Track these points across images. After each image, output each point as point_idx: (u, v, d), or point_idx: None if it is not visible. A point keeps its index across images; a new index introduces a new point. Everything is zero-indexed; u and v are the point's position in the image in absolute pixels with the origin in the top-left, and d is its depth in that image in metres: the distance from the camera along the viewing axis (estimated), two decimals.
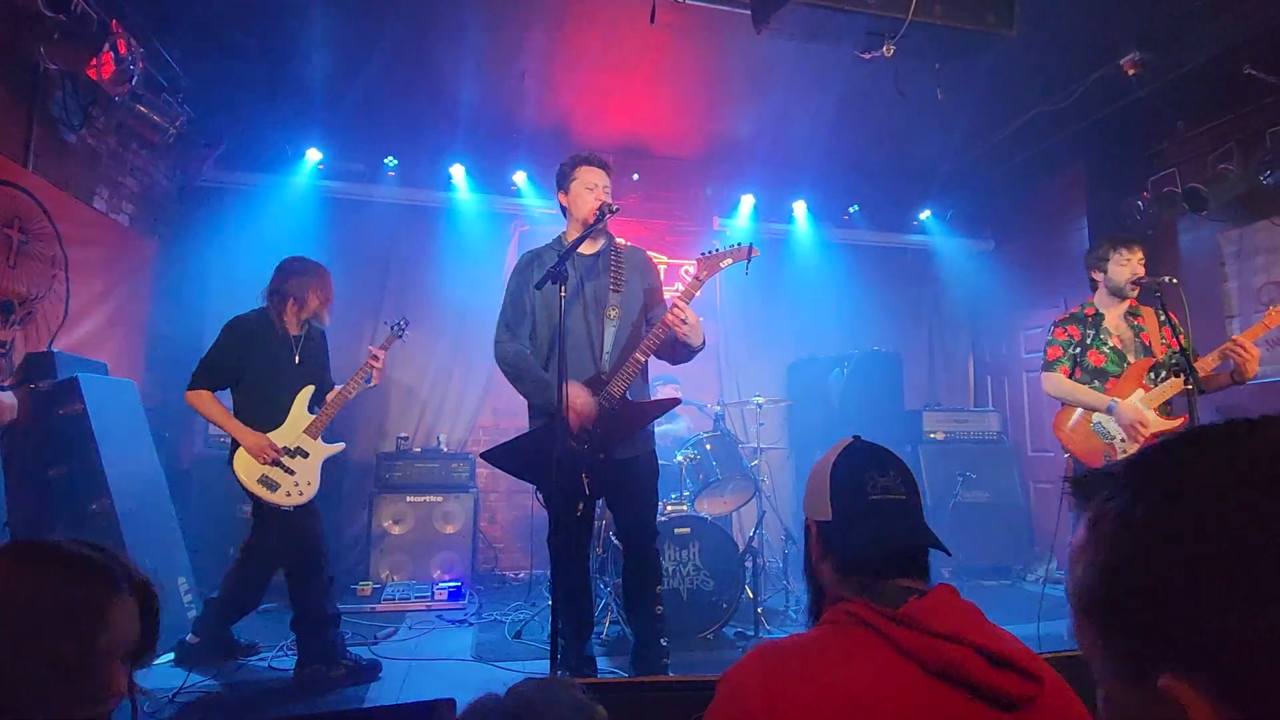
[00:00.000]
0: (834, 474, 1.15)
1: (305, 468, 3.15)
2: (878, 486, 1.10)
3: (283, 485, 3.08)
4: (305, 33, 4.13)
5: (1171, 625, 0.43)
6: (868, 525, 1.07)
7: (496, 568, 5.49)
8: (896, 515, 1.09)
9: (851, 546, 1.08)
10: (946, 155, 5.77)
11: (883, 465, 1.13)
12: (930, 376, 6.60)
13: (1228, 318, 4.71)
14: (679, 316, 2.57)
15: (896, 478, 1.12)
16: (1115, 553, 0.47)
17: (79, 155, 3.92)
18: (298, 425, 3.19)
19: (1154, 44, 4.02)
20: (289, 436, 3.15)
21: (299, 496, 3.10)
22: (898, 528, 1.08)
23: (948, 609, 0.96)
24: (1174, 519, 0.45)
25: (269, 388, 3.16)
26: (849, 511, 1.10)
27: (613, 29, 4.10)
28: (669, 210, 6.18)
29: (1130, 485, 0.48)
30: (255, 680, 3.19)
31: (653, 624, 2.75)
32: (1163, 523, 0.45)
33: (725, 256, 2.74)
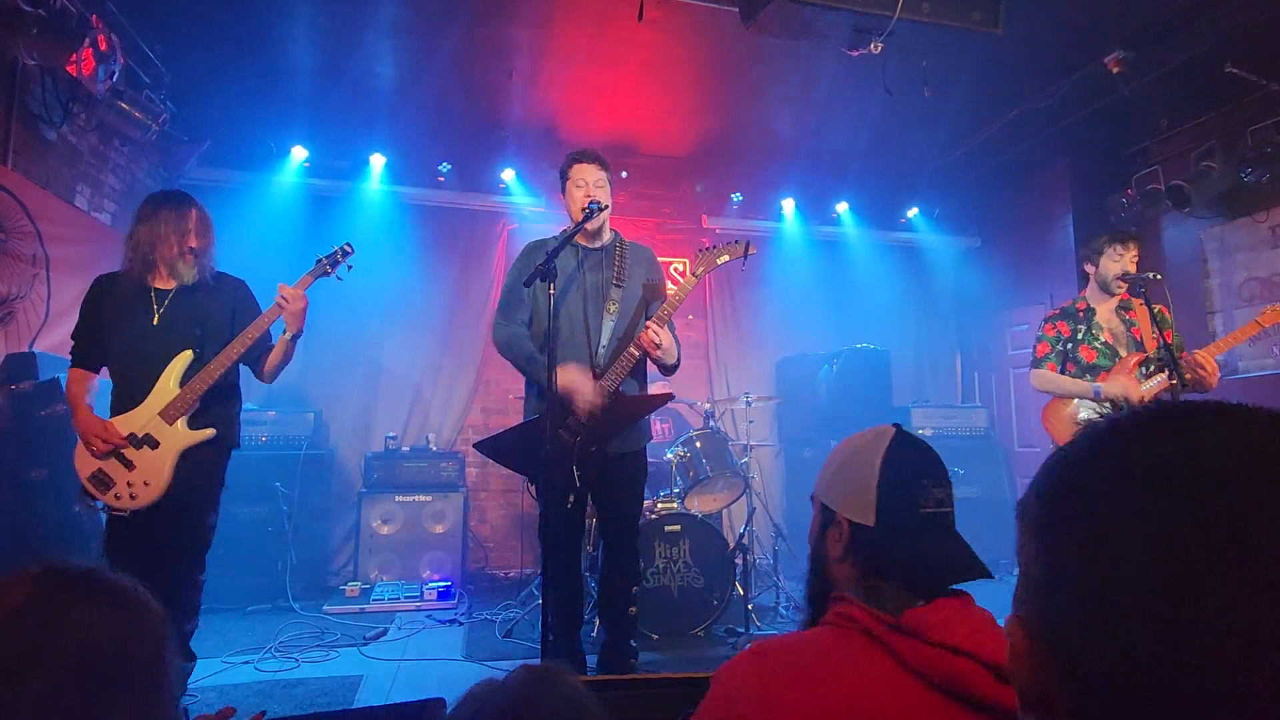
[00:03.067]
0: (883, 476, 1.02)
1: (150, 462, 2.46)
2: (932, 499, 0.99)
3: (116, 484, 2.45)
4: (290, 30, 4.09)
5: (1028, 566, 0.48)
6: (919, 541, 0.98)
7: (486, 567, 5.48)
8: (945, 532, 1.00)
9: (898, 562, 0.98)
10: (933, 153, 5.80)
11: (936, 472, 1.03)
12: (918, 373, 6.64)
13: (1209, 313, 4.77)
14: (651, 340, 2.57)
15: (948, 489, 1.02)
16: (1037, 476, 0.50)
17: (59, 152, 3.87)
18: (156, 404, 2.51)
19: (1137, 42, 4.06)
20: (140, 419, 2.49)
21: (130, 499, 2.44)
22: (948, 549, 0.99)
23: (954, 618, 0.91)
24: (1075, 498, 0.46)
25: (126, 357, 2.55)
26: (897, 523, 0.99)
27: (600, 26, 4.09)
28: (658, 208, 6.18)
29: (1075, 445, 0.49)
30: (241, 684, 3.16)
31: (624, 625, 2.76)
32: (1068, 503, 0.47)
33: (722, 253, 2.76)
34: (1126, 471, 0.43)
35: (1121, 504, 0.42)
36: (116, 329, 2.55)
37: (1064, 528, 0.45)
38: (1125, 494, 0.43)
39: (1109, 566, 0.41)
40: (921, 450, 1.07)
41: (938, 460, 1.06)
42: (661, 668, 3.39)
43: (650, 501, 3.98)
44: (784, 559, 4.43)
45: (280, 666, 3.35)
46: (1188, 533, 0.39)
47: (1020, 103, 4.79)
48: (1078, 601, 0.43)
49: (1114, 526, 0.42)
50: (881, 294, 6.57)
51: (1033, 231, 5.94)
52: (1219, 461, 0.41)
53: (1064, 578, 0.44)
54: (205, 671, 3.18)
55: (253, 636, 3.75)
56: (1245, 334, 3.03)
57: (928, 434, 5.62)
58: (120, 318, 2.55)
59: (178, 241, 2.57)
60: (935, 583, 0.98)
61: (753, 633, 3.71)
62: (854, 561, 1.02)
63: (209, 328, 2.61)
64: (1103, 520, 0.43)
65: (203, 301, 2.63)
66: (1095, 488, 0.44)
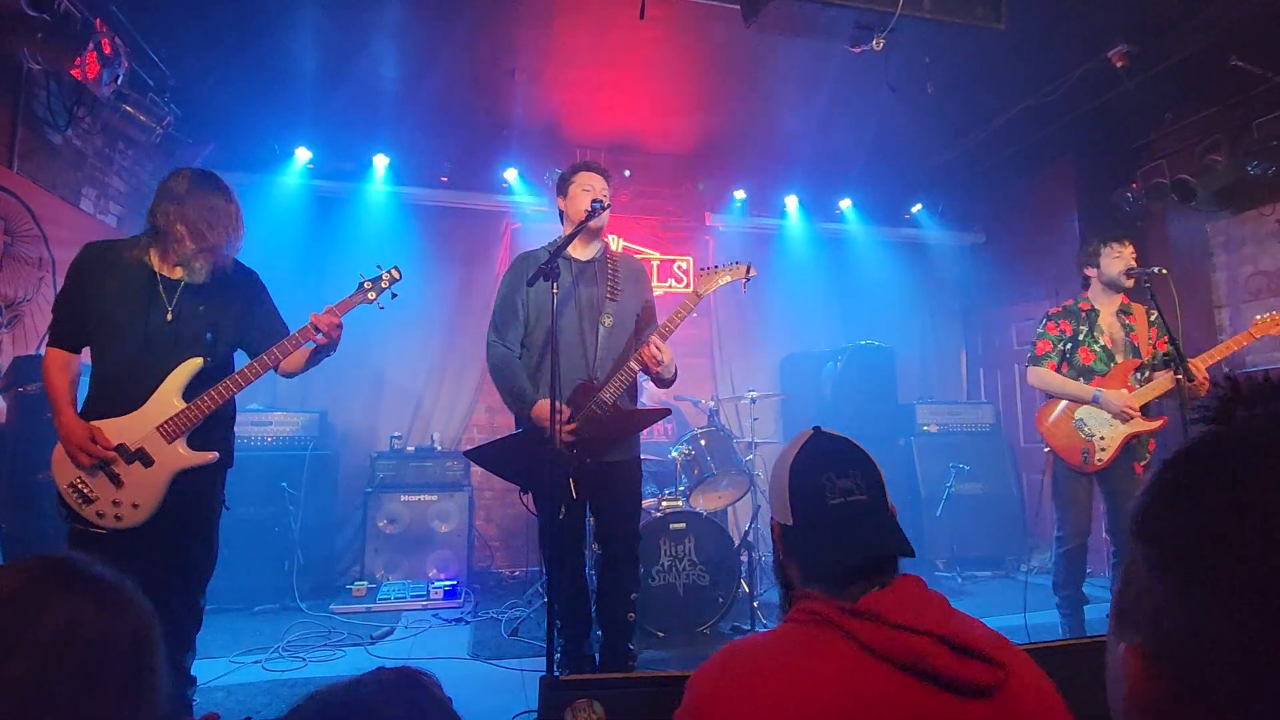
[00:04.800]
0: (792, 476, 1.08)
1: (141, 481, 2.16)
2: (837, 490, 1.03)
3: (100, 500, 2.13)
4: (293, 32, 4.09)
5: (1151, 596, 0.44)
6: (829, 534, 1.02)
7: (492, 565, 5.49)
8: (858, 521, 1.02)
9: (813, 556, 1.03)
10: (937, 149, 5.78)
11: (841, 465, 1.06)
12: (923, 370, 6.62)
13: (1216, 308, 4.75)
14: (653, 355, 2.56)
15: (857, 477, 1.05)
16: (1151, 492, 0.46)
17: (65, 156, 3.89)
18: (154, 416, 2.18)
19: (1141, 36, 4.04)
20: (134, 431, 2.17)
21: (115, 521, 2.14)
22: (860, 535, 1.02)
23: (908, 599, 0.94)
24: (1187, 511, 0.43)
25: (124, 348, 2.20)
26: (808, 519, 1.05)
27: (603, 25, 4.09)
28: (661, 206, 6.17)
29: (1214, 420, 0.45)
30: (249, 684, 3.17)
31: (622, 628, 2.76)
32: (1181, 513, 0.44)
33: (724, 274, 2.77)
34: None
35: None
36: (115, 312, 2.21)
37: (1213, 566, 0.41)
38: None
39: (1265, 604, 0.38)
40: (831, 446, 1.10)
41: (850, 453, 1.08)
42: (667, 665, 3.40)
43: (655, 499, 3.99)
44: None
45: (288, 666, 3.37)
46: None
47: (1024, 98, 4.77)
48: (1233, 644, 0.39)
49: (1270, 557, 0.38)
50: (886, 290, 6.55)
51: (1038, 227, 5.91)
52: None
53: (1213, 615, 0.40)
54: (214, 672, 3.20)
55: (260, 636, 3.77)
56: (1236, 344, 3.03)
57: (933, 430, 5.62)
58: (122, 301, 2.21)
59: (207, 233, 2.25)
60: (855, 569, 0.99)
61: (758, 629, 3.71)
62: (792, 561, 1.08)
63: (220, 331, 2.34)
64: (1260, 551, 0.39)
65: (214, 300, 2.33)
66: (1252, 526, 0.40)
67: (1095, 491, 3.25)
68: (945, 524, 5.25)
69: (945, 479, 5.33)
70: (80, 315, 2.23)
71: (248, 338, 2.44)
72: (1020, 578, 5.17)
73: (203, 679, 3.07)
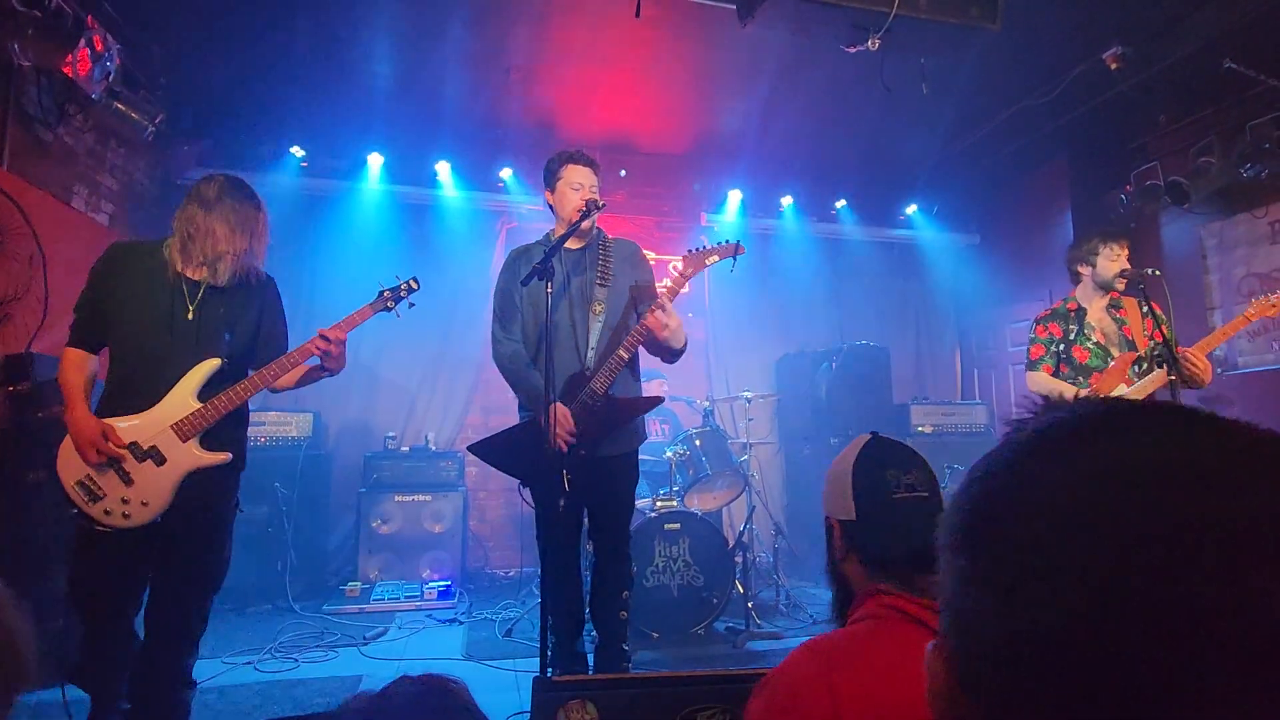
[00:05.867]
0: (856, 472, 1.13)
1: (151, 479, 2.16)
2: (902, 484, 1.09)
3: (108, 497, 2.13)
4: (286, 29, 4.07)
5: (945, 592, 0.46)
6: (894, 524, 1.06)
7: (486, 566, 5.48)
8: (924, 513, 1.07)
9: (878, 546, 1.07)
10: (932, 149, 5.79)
11: (905, 463, 1.12)
12: (917, 370, 6.64)
13: (1209, 309, 4.77)
14: (660, 320, 2.55)
15: (920, 475, 1.11)
16: (960, 501, 0.48)
17: (56, 154, 3.86)
18: (169, 414, 2.19)
19: (1135, 38, 4.06)
20: (148, 429, 2.18)
21: (123, 519, 2.13)
22: (924, 526, 1.03)
23: None
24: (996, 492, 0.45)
25: (143, 347, 2.22)
26: (873, 510, 1.09)
27: (598, 24, 4.08)
28: (657, 206, 6.17)
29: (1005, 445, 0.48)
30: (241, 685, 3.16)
31: (617, 628, 2.74)
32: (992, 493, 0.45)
33: (712, 253, 2.74)
34: (1046, 488, 0.41)
35: (1036, 523, 0.40)
36: (137, 309, 2.22)
37: (979, 548, 0.43)
38: (1039, 511, 0.40)
39: (1026, 584, 0.39)
40: (892, 447, 1.16)
41: (910, 454, 1.15)
42: (661, 666, 3.39)
43: (650, 499, 3.98)
44: (784, 557, 4.43)
45: (280, 667, 3.35)
46: (1095, 557, 0.36)
47: (1019, 99, 4.78)
48: (1009, 636, 0.39)
49: (1047, 552, 0.39)
50: (881, 291, 6.57)
51: (1032, 228, 5.93)
52: (1160, 474, 0.38)
53: (976, 602, 0.41)
54: (206, 673, 3.18)
55: (253, 637, 3.75)
56: (1234, 328, 3.02)
57: (927, 431, 5.63)
58: (145, 299, 2.23)
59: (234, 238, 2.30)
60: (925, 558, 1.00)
61: (753, 630, 3.71)
62: (855, 557, 1.10)
63: (238, 333, 2.35)
64: (1019, 540, 0.40)
65: (235, 303, 2.36)
66: (1013, 506, 0.42)
67: None
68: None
69: (940, 479, 5.32)
70: (101, 315, 2.24)
71: (256, 345, 2.45)
72: None
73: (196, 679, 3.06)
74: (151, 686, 2.21)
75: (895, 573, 1.04)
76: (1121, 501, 0.38)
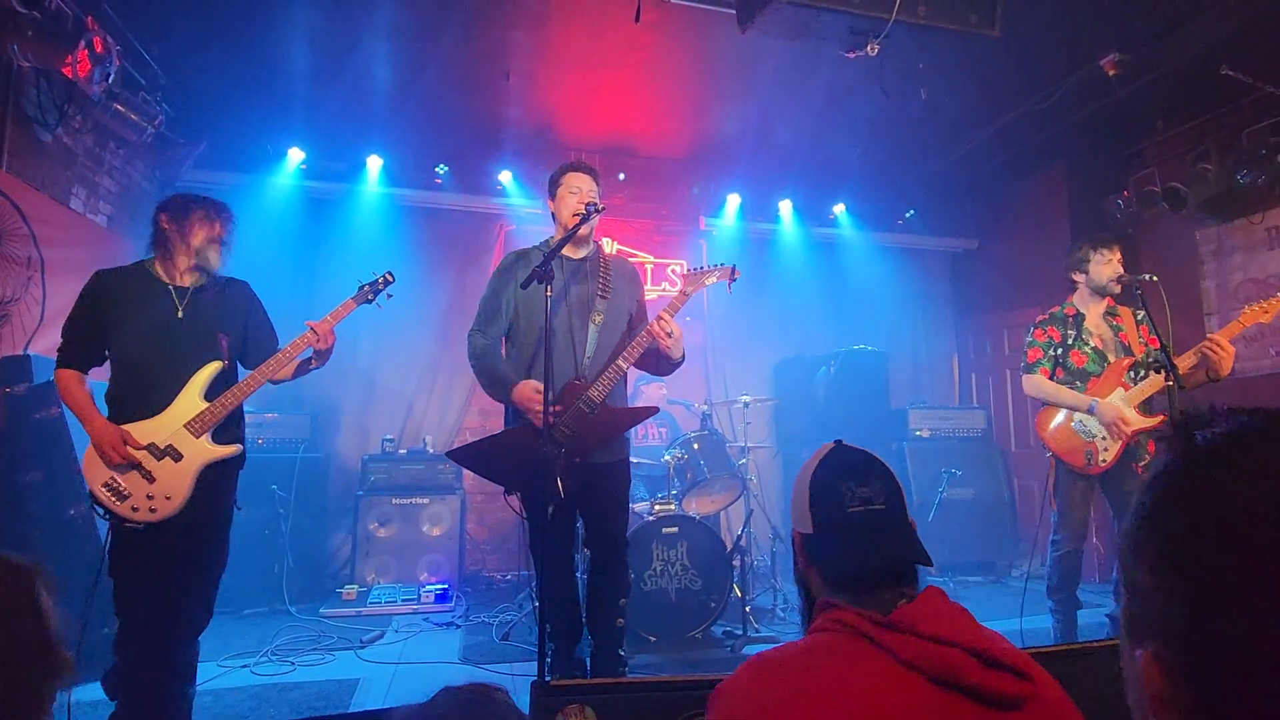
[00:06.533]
0: (814, 484, 1.11)
1: (172, 475, 2.34)
2: (856, 498, 1.06)
3: (133, 496, 2.31)
4: (286, 32, 4.08)
5: (1161, 605, 0.46)
6: (848, 541, 1.05)
7: (484, 569, 5.47)
8: (877, 529, 1.05)
9: (833, 562, 1.05)
10: (930, 155, 5.81)
11: (862, 474, 1.09)
12: (915, 374, 6.64)
13: (1206, 315, 4.79)
14: (663, 328, 2.57)
15: (877, 487, 1.08)
16: (1147, 517, 0.49)
17: (55, 155, 3.86)
18: (180, 415, 2.37)
19: (1133, 45, 4.07)
20: (164, 430, 2.36)
21: (149, 514, 2.31)
22: (879, 542, 1.04)
23: (937, 611, 0.95)
24: (1201, 508, 0.46)
25: (143, 356, 2.39)
26: (828, 526, 1.07)
27: (597, 27, 4.09)
28: (655, 210, 6.18)
29: (1186, 449, 0.48)
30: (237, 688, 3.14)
31: (612, 635, 2.74)
32: (1189, 507, 0.46)
33: (710, 274, 2.78)
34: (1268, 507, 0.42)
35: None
36: (130, 324, 2.39)
37: (1206, 562, 0.44)
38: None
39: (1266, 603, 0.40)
40: (850, 458, 1.13)
41: (869, 463, 1.11)
42: (659, 670, 3.39)
43: (648, 503, 3.98)
44: (781, 561, 4.42)
45: (276, 670, 3.34)
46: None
47: (1017, 105, 4.80)
48: (1239, 645, 0.41)
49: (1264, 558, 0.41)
50: (879, 296, 6.57)
51: (1030, 233, 5.95)
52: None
53: (1217, 619, 0.42)
54: (201, 676, 3.15)
55: (249, 640, 3.74)
56: (1229, 333, 3.02)
57: (925, 435, 5.63)
58: (135, 312, 2.39)
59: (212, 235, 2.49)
60: (875, 575, 1.02)
61: (750, 634, 3.70)
62: (814, 570, 1.09)
63: (228, 333, 2.51)
64: (1253, 553, 0.41)
65: (221, 302, 2.54)
66: (1258, 528, 0.42)
67: (1094, 496, 3.26)
68: (937, 529, 5.26)
69: (937, 484, 5.34)
70: (91, 337, 2.40)
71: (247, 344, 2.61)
72: (1010, 582, 5.19)
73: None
74: (152, 674, 2.31)
75: (847, 588, 1.02)
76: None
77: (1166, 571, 0.46)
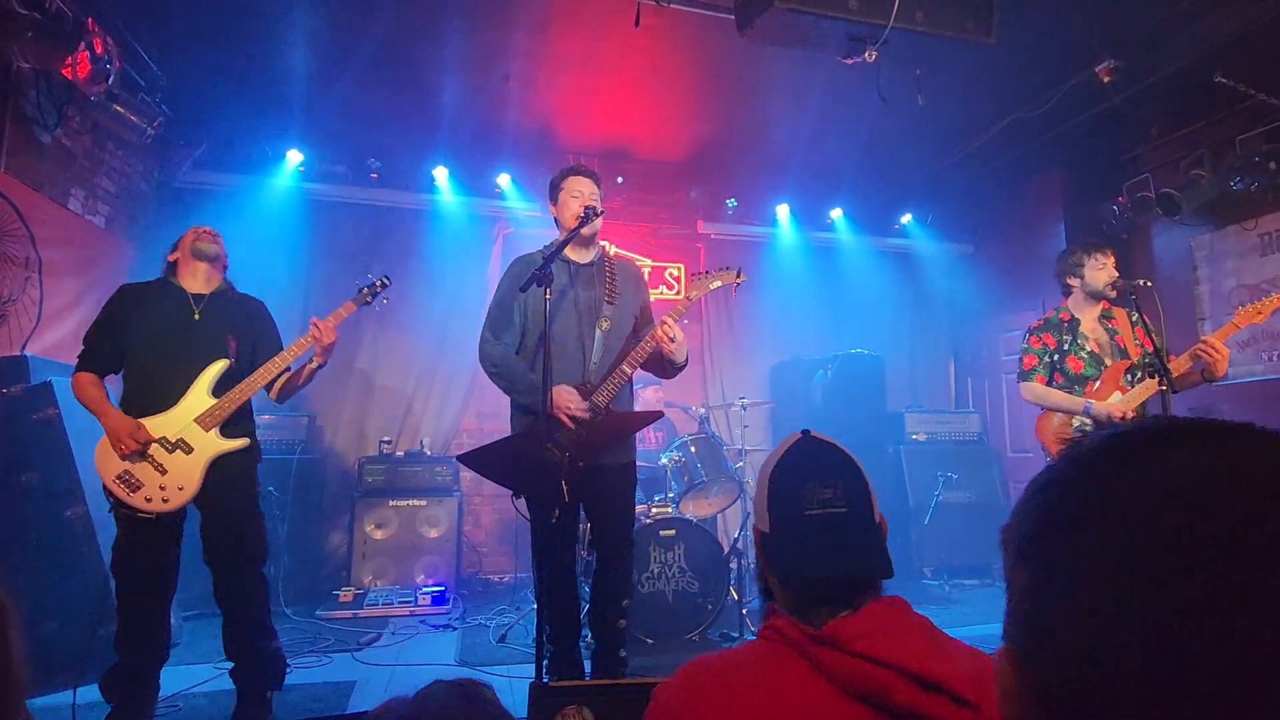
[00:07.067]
0: (774, 479, 1.03)
1: (182, 467, 2.48)
2: (816, 500, 0.98)
3: (146, 486, 2.43)
4: (287, 33, 4.09)
5: (1010, 601, 0.46)
6: (803, 545, 0.97)
7: (481, 571, 5.46)
8: (836, 533, 0.97)
9: (787, 565, 0.98)
10: (927, 160, 5.84)
11: (824, 473, 1.00)
12: (912, 378, 6.67)
13: (1199, 320, 4.81)
14: (667, 333, 2.58)
15: (840, 487, 0.99)
16: (1029, 505, 0.47)
17: (53, 155, 3.86)
18: (190, 411, 2.52)
19: (1128, 52, 4.11)
20: (174, 424, 2.49)
21: (162, 503, 2.44)
22: (835, 549, 0.96)
23: (879, 627, 0.89)
24: (1071, 509, 0.44)
25: (158, 357, 2.53)
26: (785, 527, 1.00)
27: (597, 32, 4.11)
28: (653, 213, 6.19)
29: (1067, 458, 0.47)
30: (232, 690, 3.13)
31: (615, 636, 2.75)
32: (1063, 511, 0.45)
33: (715, 278, 2.78)
34: (1123, 496, 0.41)
35: (1118, 531, 0.40)
36: (147, 326, 2.54)
37: (1054, 557, 0.43)
38: (1121, 520, 0.40)
39: (1109, 592, 0.39)
40: (815, 452, 1.04)
41: (835, 460, 1.03)
42: (656, 672, 3.38)
43: (645, 506, 3.98)
44: None
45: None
46: (1194, 561, 0.37)
47: (1013, 110, 4.83)
48: (1074, 634, 0.40)
49: (1112, 554, 0.39)
50: (876, 299, 6.60)
51: (1026, 238, 5.98)
52: (1220, 485, 0.39)
53: (1054, 610, 0.42)
54: (196, 679, 3.17)
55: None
56: (1223, 335, 3.05)
57: (921, 439, 5.65)
58: (153, 316, 2.55)
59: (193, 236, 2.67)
60: (823, 585, 0.95)
61: (747, 637, 3.71)
62: (770, 571, 1.03)
63: (239, 336, 2.66)
64: (1099, 549, 0.40)
65: (236, 309, 2.71)
66: (1090, 514, 0.42)
67: None
68: (933, 532, 5.28)
69: (934, 487, 5.36)
70: (113, 344, 2.55)
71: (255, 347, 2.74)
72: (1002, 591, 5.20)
73: (184, 685, 3.06)
74: (243, 634, 2.62)
75: (798, 593, 0.97)
76: (1213, 513, 0.38)
77: (1013, 565, 0.46)
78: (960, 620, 4.21)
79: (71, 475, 3.17)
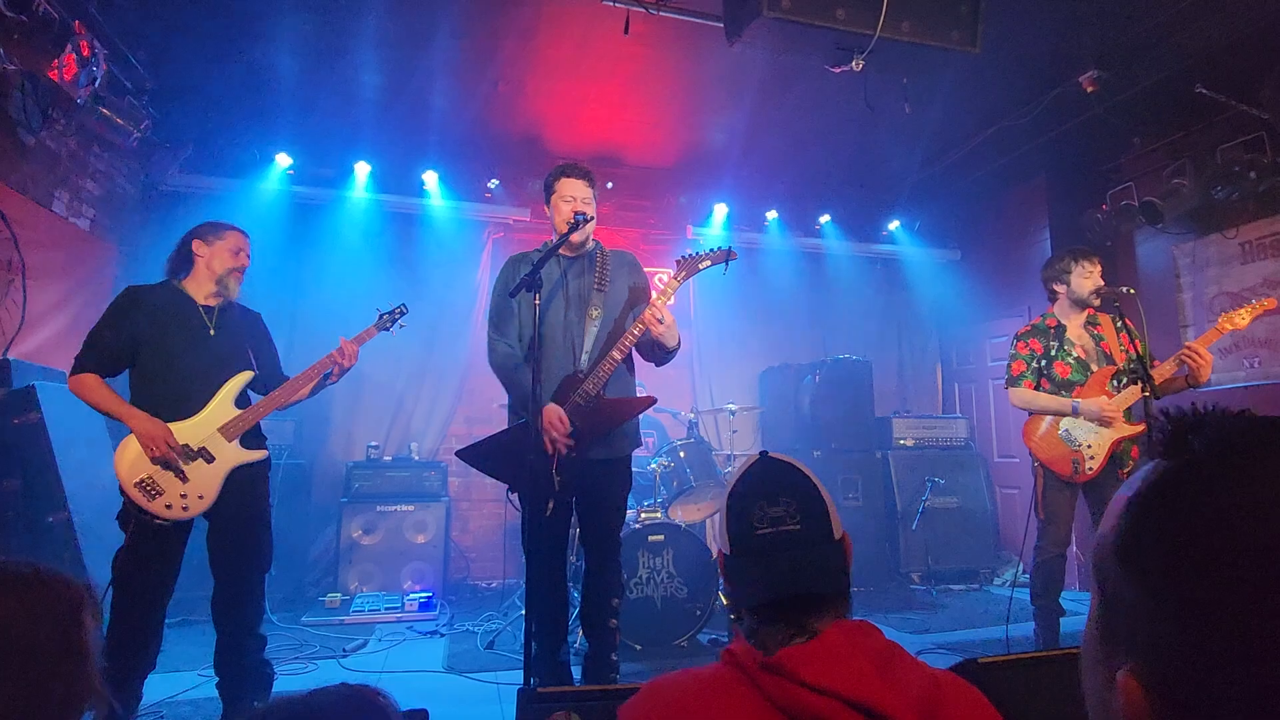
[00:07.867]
0: (729, 501, 1.04)
1: (204, 476, 2.49)
2: (766, 519, 0.98)
3: (166, 494, 2.42)
4: (274, 38, 4.07)
5: (1148, 621, 0.44)
6: (755, 566, 0.97)
7: (468, 577, 5.44)
8: (786, 552, 0.96)
9: (740, 586, 0.98)
10: (914, 167, 5.89)
11: (773, 492, 1.00)
12: (899, 384, 6.71)
13: (1182, 327, 4.88)
14: (655, 315, 2.59)
15: (791, 505, 0.98)
16: (1141, 525, 0.46)
17: (38, 158, 3.82)
18: (214, 420, 2.53)
19: (1111, 62, 4.17)
20: (199, 433, 2.50)
21: (181, 511, 2.44)
22: (784, 569, 0.95)
23: (830, 653, 0.87)
24: (1182, 522, 0.43)
25: (176, 366, 2.51)
26: (740, 548, 1.00)
27: (587, 39, 4.12)
28: (643, 219, 6.21)
29: (1170, 452, 0.46)
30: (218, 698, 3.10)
31: (606, 638, 2.75)
32: (1173, 520, 0.44)
33: (705, 259, 2.77)
34: (1248, 509, 0.40)
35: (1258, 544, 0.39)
36: (165, 337, 2.52)
37: (1210, 578, 0.41)
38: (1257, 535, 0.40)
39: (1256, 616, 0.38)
40: (767, 471, 1.04)
41: (788, 478, 1.02)
42: (645, 677, 3.37)
43: (634, 511, 3.99)
44: None
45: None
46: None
47: (998, 119, 4.88)
48: (1236, 674, 0.39)
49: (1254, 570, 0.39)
50: (864, 305, 6.65)
51: (1011, 244, 6.04)
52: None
53: (1215, 640, 0.40)
54: (181, 685, 3.13)
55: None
56: (1206, 341, 3.09)
57: (908, 444, 5.69)
58: (170, 326, 2.54)
59: (233, 259, 2.68)
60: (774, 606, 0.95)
61: None
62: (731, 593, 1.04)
63: (254, 348, 2.72)
64: (1237, 569, 0.39)
65: (244, 322, 2.75)
66: (1221, 541, 0.41)
67: (1078, 504, 3.31)
68: (920, 537, 5.31)
69: (921, 492, 5.40)
70: (120, 346, 2.50)
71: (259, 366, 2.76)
72: (993, 590, 5.24)
73: (170, 692, 3.02)
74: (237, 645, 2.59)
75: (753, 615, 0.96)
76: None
77: (1161, 586, 0.43)
78: (946, 625, 4.23)
79: (54, 480, 3.14)
